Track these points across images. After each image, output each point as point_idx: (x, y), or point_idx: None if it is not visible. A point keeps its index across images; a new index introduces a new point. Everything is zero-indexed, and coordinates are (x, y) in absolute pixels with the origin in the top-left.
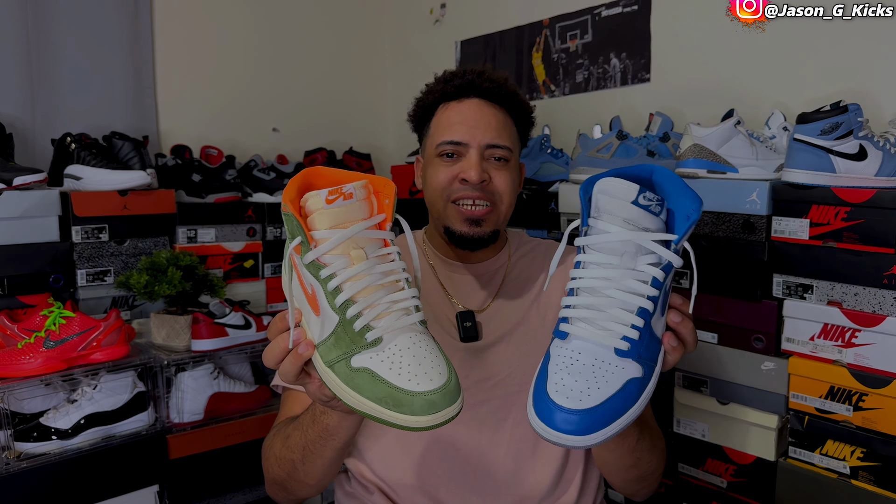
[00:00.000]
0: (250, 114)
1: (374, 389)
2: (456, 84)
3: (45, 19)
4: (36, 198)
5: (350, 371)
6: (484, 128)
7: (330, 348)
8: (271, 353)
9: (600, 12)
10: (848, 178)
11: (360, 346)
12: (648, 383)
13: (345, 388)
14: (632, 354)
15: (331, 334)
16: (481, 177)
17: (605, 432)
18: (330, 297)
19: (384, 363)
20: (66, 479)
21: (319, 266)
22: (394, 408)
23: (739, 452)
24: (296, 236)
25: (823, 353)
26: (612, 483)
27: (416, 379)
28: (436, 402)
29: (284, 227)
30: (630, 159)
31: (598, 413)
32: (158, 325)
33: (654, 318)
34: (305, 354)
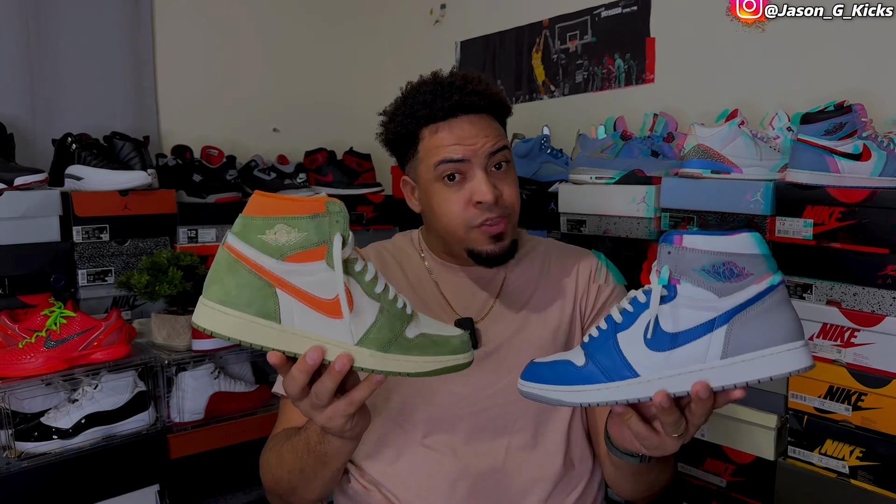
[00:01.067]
0: (251, 114)
1: (435, 345)
2: (441, 106)
3: (46, 20)
4: (37, 198)
5: (408, 342)
6: (482, 140)
7: (379, 335)
8: (295, 384)
9: (600, 13)
10: (850, 179)
11: (407, 319)
12: (586, 383)
13: (411, 359)
14: (585, 348)
15: (373, 324)
16: (494, 195)
17: (529, 386)
18: (369, 288)
19: (427, 325)
20: (67, 479)
21: (352, 261)
22: (450, 353)
23: (739, 452)
24: (329, 236)
25: (823, 353)
26: (622, 496)
27: (444, 329)
28: (466, 341)
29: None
30: (633, 160)
31: (536, 368)
32: (159, 325)
33: (625, 336)
34: (345, 368)
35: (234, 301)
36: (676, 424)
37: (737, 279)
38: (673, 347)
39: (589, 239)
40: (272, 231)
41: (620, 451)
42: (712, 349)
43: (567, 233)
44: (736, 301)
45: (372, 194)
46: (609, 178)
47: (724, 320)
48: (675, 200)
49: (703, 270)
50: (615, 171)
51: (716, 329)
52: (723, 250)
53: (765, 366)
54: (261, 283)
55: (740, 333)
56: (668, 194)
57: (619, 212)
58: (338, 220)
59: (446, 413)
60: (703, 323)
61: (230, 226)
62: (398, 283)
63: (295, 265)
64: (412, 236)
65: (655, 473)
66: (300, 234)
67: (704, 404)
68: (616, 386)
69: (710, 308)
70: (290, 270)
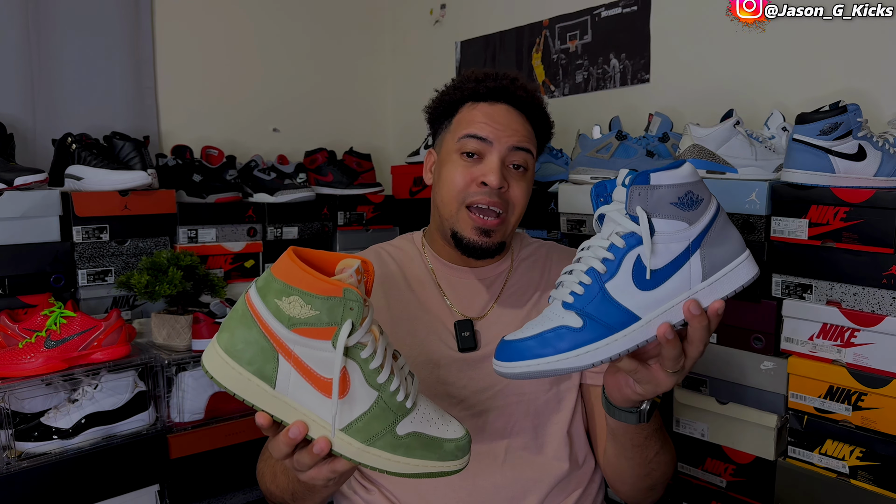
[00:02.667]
0: (251, 114)
1: (424, 446)
2: (489, 86)
3: (46, 20)
4: (37, 198)
5: (396, 439)
6: (511, 132)
7: (368, 425)
8: (278, 451)
9: (600, 13)
10: (847, 179)
11: (402, 413)
12: (592, 342)
13: (392, 458)
14: (574, 307)
15: (363, 414)
16: (501, 182)
17: (525, 365)
18: (371, 376)
19: (423, 422)
20: (67, 479)
21: (360, 347)
22: (440, 458)
23: (739, 452)
24: (341, 320)
25: (822, 353)
26: (623, 492)
27: (445, 427)
28: (463, 446)
29: (271, 305)
30: (630, 159)
31: (521, 344)
32: (159, 325)
33: (614, 284)
34: (321, 453)
35: (238, 355)
36: (678, 358)
37: (697, 205)
38: (663, 282)
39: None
40: (288, 300)
41: (617, 408)
42: (694, 274)
43: (567, 233)
44: (701, 226)
45: (372, 194)
46: (606, 178)
47: (696, 245)
48: None
49: (674, 203)
50: (612, 172)
51: (692, 255)
52: (683, 181)
53: (735, 277)
54: (266, 346)
55: (711, 254)
56: None
57: None
58: (351, 307)
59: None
60: (682, 252)
61: (230, 226)
62: (397, 285)
63: (302, 338)
64: (414, 237)
65: (654, 450)
66: (312, 311)
67: (699, 322)
68: (623, 335)
69: (684, 237)
70: (296, 341)
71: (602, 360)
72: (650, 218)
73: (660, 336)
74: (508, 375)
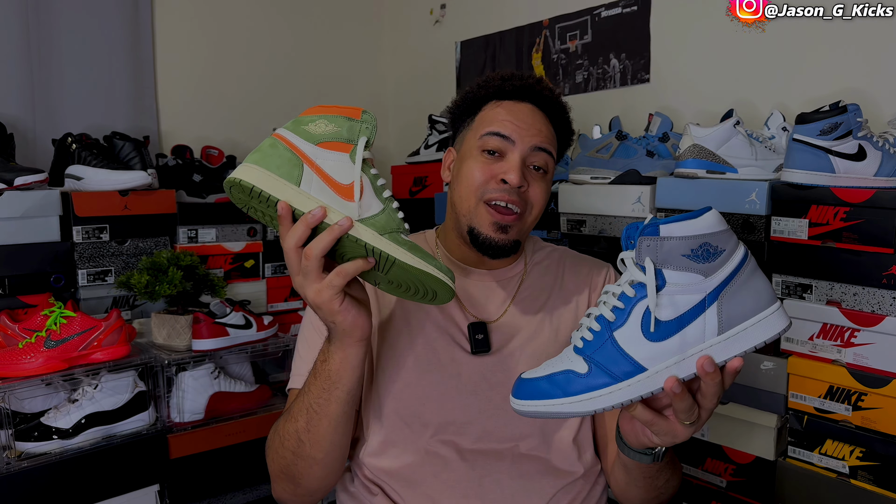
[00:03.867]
0: (250, 114)
1: (424, 256)
2: (515, 84)
3: (46, 20)
4: (37, 198)
5: (402, 240)
6: (534, 132)
7: (379, 222)
8: (294, 234)
9: (600, 13)
10: (847, 178)
11: (403, 229)
12: (595, 389)
13: (401, 250)
14: (583, 353)
15: (376, 214)
16: (521, 181)
17: (532, 404)
18: (378, 190)
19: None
20: (67, 479)
21: (370, 165)
22: (437, 268)
23: (739, 452)
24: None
25: (823, 353)
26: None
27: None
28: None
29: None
30: (630, 159)
31: (531, 384)
32: (159, 325)
33: (622, 333)
34: (345, 227)
35: (266, 163)
36: (690, 411)
37: (716, 257)
38: (673, 334)
39: (589, 239)
40: (314, 123)
41: (633, 450)
42: (709, 327)
43: (567, 233)
44: (720, 278)
45: None
46: (605, 178)
47: (714, 298)
48: (671, 200)
49: (687, 256)
50: (612, 172)
51: (708, 308)
52: (698, 233)
53: (757, 332)
54: (293, 157)
55: (730, 307)
56: (664, 194)
57: (618, 212)
58: (367, 126)
59: (456, 415)
60: (696, 305)
61: (230, 226)
62: None
63: (324, 151)
64: (426, 236)
65: (665, 479)
66: (336, 128)
67: (712, 379)
68: (626, 385)
69: (699, 290)
70: (319, 154)
71: (603, 407)
72: (662, 269)
73: (667, 390)
74: (520, 412)
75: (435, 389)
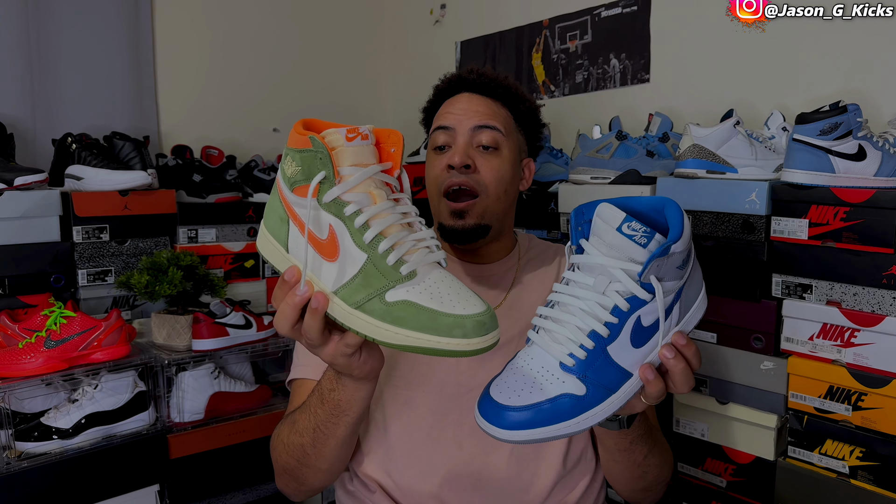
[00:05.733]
0: (251, 114)
1: (418, 318)
2: (451, 80)
3: (46, 20)
4: (37, 198)
5: (386, 306)
6: (471, 114)
7: (356, 289)
8: (284, 318)
9: (600, 13)
10: (847, 179)
11: (395, 280)
12: (592, 406)
13: (381, 325)
14: (575, 372)
15: (356, 275)
16: (464, 160)
17: (526, 434)
18: (357, 235)
19: (423, 294)
20: (67, 479)
21: (343, 203)
22: (443, 333)
23: (739, 452)
24: (316, 172)
25: (823, 353)
26: (620, 492)
27: (459, 305)
28: (486, 323)
29: (281, 170)
30: (629, 160)
31: (521, 413)
32: (159, 325)
33: (614, 346)
34: (319, 308)
35: (270, 226)
36: (662, 394)
37: (689, 260)
38: (651, 337)
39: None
40: (286, 161)
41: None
42: (673, 321)
43: (567, 232)
44: (686, 276)
45: None
46: (605, 178)
47: (678, 296)
48: None
49: (679, 266)
50: (612, 172)
51: (675, 305)
52: (687, 242)
53: (695, 315)
54: (281, 211)
55: (685, 299)
56: (664, 194)
57: None
58: (320, 157)
59: (453, 405)
60: (669, 305)
61: (230, 226)
62: None
63: (297, 198)
64: None
65: (643, 454)
66: (297, 167)
67: (676, 364)
68: (618, 394)
69: (674, 291)
70: (296, 202)
71: (599, 421)
72: (660, 281)
73: (643, 378)
74: (504, 440)
75: (433, 380)
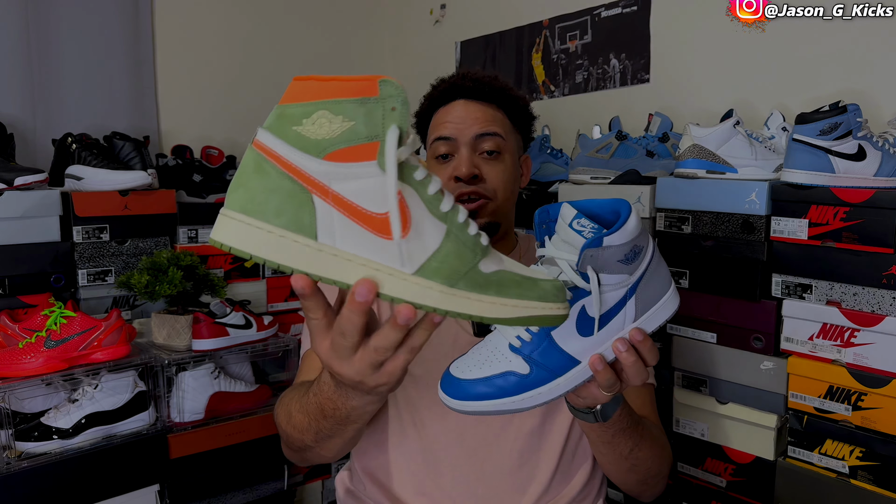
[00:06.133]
0: (251, 114)
1: (521, 286)
2: (442, 89)
3: (46, 19)
4: (37, 198)
5: (483, 278)
6: (471, 122)
7: (444, 264)
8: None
9: (600, 13)
10: (847, 179)
11: (480, 251)
12: (537, 386)
13: (486, 299)
14: (521, 353)
15: (437, 251)
16: (471, 171)
17: (475, 405)
18: (432, 203)
19: (505, 263)
20: (67, 479)
21: (412, 167)
22: (547, 299)
23: (739, 452)
24: (382, 129)
25: (822, 353)
26: (618, 484)
27: (527, 270)
28: (562, 287)
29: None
30: (629, 160)
31: (470, 385)
32: (159, 325)
33: (559, 332)
34: (409, 319)
35: (261, 209)
36: (613, 385)
37: (638, 256)
38: (602, 327)
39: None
40: (311, 121)
41: (575, 409)
42: (628, 316)
43: None
44: (639, 273)
45: None
46: (605, 178)
47: (633, 291)
48: (671, 201)
49: (620, 260)
50: (612, 172)
51: (629, 300)
52: (630, 239)
53: (660, 314)
54: (294, 188)
55: (644, 296)
56: (664, 194)
57: None
58: (394, 105)
59: None
60: (620, 299)
61: None
62: None
63: (338, 165)
64: None
65: (628, 448)
66: (345, 123)
67: (627, 357)
68: (565, 378)
69: (624, 286)
70: (332, 172)
71: (544, 402)
72: (599, 274)
73: (591, 366)
74: (460, 411)
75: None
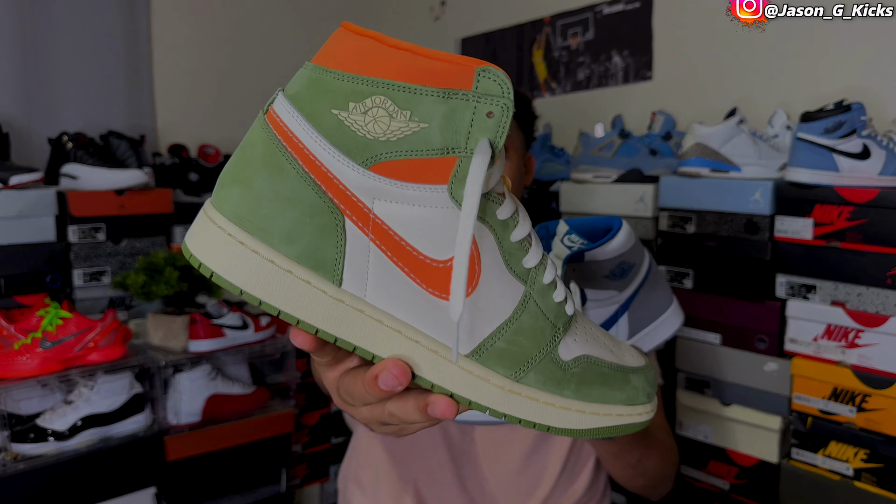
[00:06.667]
0: (248, 113)
1: (607, 383)
2: None
3: (42, 18)
4: (32, 197)
5: (560, 370)
6: None
7: (514, 344)
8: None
9: (602, 10)
10: (851, 178)
11: (562, 327)
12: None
13: (558, 404)
14: None
15: (507, 323)
16: None
17: (475, 415)
18: (514, 255)
19: (590, 341)
20: (63, 481)
21: (497, 201)
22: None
23: (742, 454)
24: (468, 141)
25: (827, 354)
26: (623, 486)
27: (620, 350)
28: (654, 379)
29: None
30: (632, 158)
31: None
32: (155, 326)
33: None
34: (448, 414)
35: (264, 226)
36: None
37: (629, 272)
38: None
39: None
40: (362, 107)
41: None
42: (620, 333)
43: None
44: (631, 290)
45: None
46: (608, 177)
47: (625, 308)
48: (674, 200)
49: (606, 276)
50: (614, 170)
51: (620, 318)
52: (616, 254)
53: (659, 333)
54: (319, 203)
55: (638, 314)
56: (667, 193)
57: (621, 211)
58: (491, 110)
59: None
60: (610, 316)
61: None
62: None
63: (390, 182)
64: None
65: (636, 457)
66: (413, 122)
67: None
68: None
69: (614, 302)
70: (380, 190)
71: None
72: (582, 290)
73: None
74: (457, 421)
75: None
